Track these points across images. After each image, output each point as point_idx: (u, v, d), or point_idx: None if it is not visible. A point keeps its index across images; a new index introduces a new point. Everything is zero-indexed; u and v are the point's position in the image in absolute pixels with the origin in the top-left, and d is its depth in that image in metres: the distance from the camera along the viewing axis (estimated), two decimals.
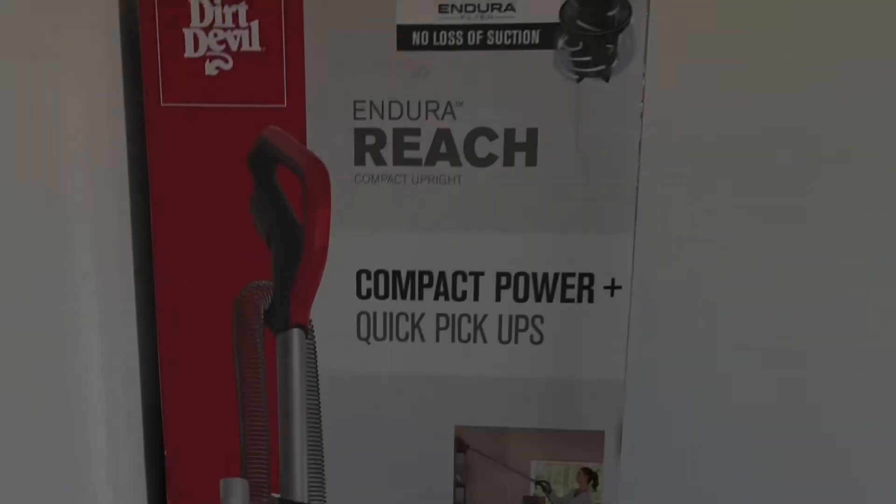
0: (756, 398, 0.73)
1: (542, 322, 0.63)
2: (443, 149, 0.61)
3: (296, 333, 0.64)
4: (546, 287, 0.63)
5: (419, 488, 0.66)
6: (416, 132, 0.61)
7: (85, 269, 0.60)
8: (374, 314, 0.64)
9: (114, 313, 0.63)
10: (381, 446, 0.65)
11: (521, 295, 0.63)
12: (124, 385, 0.65)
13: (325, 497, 0.66)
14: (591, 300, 0.63)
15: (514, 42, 0.59)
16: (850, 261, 0.70)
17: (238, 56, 0.60)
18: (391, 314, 0.63)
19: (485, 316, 0.63)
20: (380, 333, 0.64)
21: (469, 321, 0.63)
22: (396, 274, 0.63)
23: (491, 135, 0.60)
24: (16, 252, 0.54)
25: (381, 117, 0.61)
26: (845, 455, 0.72)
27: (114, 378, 0.64)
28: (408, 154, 0.61)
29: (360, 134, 0.61)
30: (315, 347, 0.64)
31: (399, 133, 0.61)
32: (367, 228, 0.62)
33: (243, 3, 0.60)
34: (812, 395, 0.73)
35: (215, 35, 0.60)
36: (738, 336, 0.72)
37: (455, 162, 0.61)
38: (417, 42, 0.59)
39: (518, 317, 0.63)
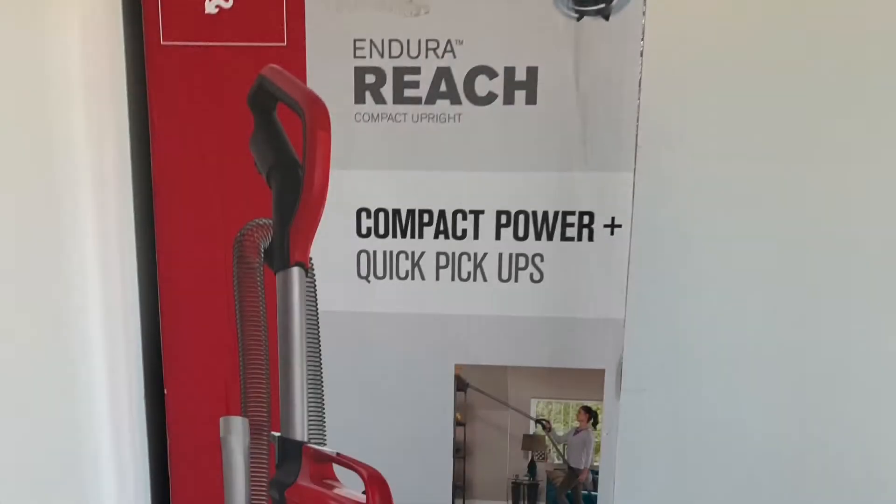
0: (757, 332, 0.86)
1: (541, 260, 0.75)
2: (443, 87, 0.73)
3: (296, 272, 0.76)
4: (546, 225, 0.75)
5: (419, 427, 0.78)
6: (416, 71, 0.73)
7: (86, 208, 0.72)
8: (374, 253, 0.76)
9: (112, 252, 0.75)
10: (381, 385, 0.78)
11: (520, 233, 0.75)
12: (123, 324, 0.77)
13: (324, 436, 0.79)
14: (590, 238, 0.75)
15: None
16: (853, 196, 0.82)
17: None
18: (391, 253, 0.76)
19: (485, 254, 0.76)
20: (380, 272, 0.76)
21: (469, 260, 0.76)
22: (396, 212, 0.75)
23: (491, 73, 0.72)
24: (15, 185, 0.66)
25: (381, 56, 0.73)
26: (846, 376, 0.85)
27: (113, 318, 0.76)
28: (408, 93, 0.73)
29: (360, 72, 0.73)
30: (315, 286, 0.77)
31: (399, 72, 0.73)
32: (366, 167, 0.74)
33: None
34: (812, 324, 0.85)
35: None
36: (738, 273, 0.85)
37: (455, 100, 0.73)
38: None
39: (518, 255, 0.75)
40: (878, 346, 0.84)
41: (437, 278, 0.75)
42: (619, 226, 0.73)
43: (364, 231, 0.74)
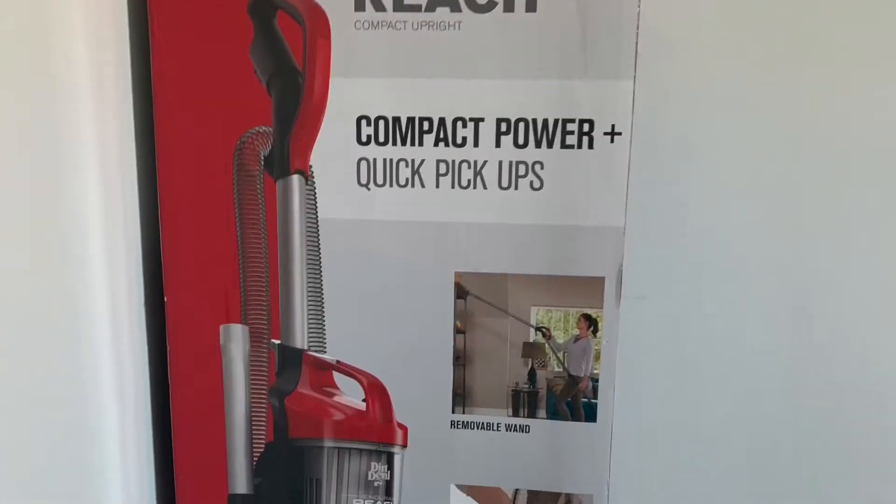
0: (758, 240, 1.08)
1: (542, 168, 0.98)
2: None
3: (296, 179, 0.99)
4: (546, 133, 0.97)
5: (419, 335, 1.02)
6: None
7: (85, 114, 0.94)
8: (374, 160, 0.98)
9: (112, 159, 0.97)
10: (381, 293, 1.01)
11: (520, 141, 0.97)
12: (123, 233, 0.99)
13: (324, 343, 1.03)
14: (591, 146, 0.97)
15: None
16: (857, 101, 1.05)
17: None
18: (391, 160, 0.98)
19: (485, 162, 0.98)
20: (380, 180, 0.99)
21: (469, 167, 0.98)
22: (396, 120, 0.97)
23: None
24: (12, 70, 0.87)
25: None
26: (847, 285, 1.09)
27: (113, 227, 0.98)
28: (408, 0, 0.95)
29: None
30: (315, 193, 0.99)
31: None
32: (366, 75, 0.96)
33: None
34: (813, 232, 1.08)
35: None
36: (738, 181, 1.07)
37: (455, 8, 0.94)
38: None
39: (518, 163, 0.98)
40: (879, 254, 1.08)
41: (437, 186, 0.97)
42: (620, 133, 0.95)
43: (364, 139, 0.96)
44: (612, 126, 0.92)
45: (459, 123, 0.92)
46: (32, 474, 0.86)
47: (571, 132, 0.92)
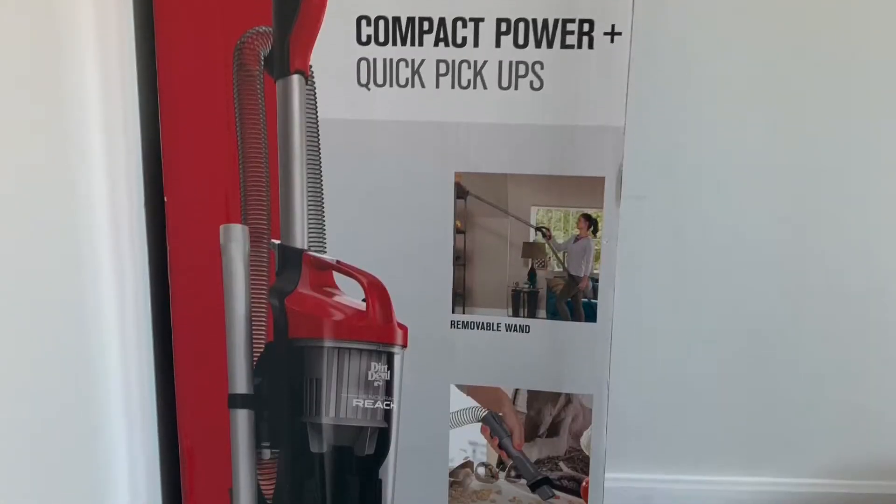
0: (758, 140, 1.34)
1: (542, 68, 1.26)
2: None
3: (296, 79, 1.28)
4: (546, 33, 1.25)
5: (419, 235, 1.33)
6: None
7: (84, 12, 1.23)
8: (374, 60, 1.26)
9: (112, 58, 1.28)
10: (381, 193, 1.29)
11: (521, 41, 1.26)
12: (123, 134, 1.27)
13: (324, 243, 1.34)
14: (591, 46, 1.25)
15: None
16: (851, 28, 1.34)
17: None
18: (391, 60, 1.26)
19: (485, 62, 1.26)
20: (380, 80, 1.28)
21: (469, 67, 1.27)
22: (396, 20, 1.25)
23: None
24: None
25: None
26: (845, 185, 1.37)
27: (113, 126, 1.29)
28: None
29: None
30: (315, 94, 1.29)
31: None
32: None
33: None
34: (813, 134, 1.34)
35: None
36: (738, 81, 1.38)
37: None
38: None
39: (518, 63, 1.26)
40: (878, 154, 1.41)
41: (437, 86, 1.26)
42: (620, 33, 1.22)
43: (364, 39, 1.25)
44: (612, 26, 1.17)
45: (459, 23, 1.17)
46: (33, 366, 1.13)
47: (571, 32, 1.18)
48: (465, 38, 1.19)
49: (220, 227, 1.25)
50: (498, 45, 1.19)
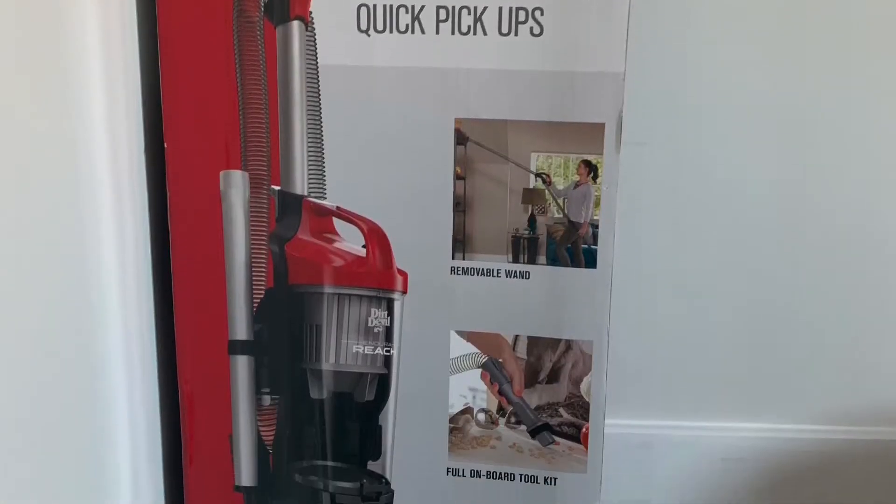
0: (759, 86, 1.38)
1: (542, 14, 1.29)
2: None
3: (296, 25, 1.31)
4: None
5: (419, 181, 1.37)
6: None
7: None
8: (374, 6, 1.29)
9: (111, 8, 1.32)
10: (381, 139, 1.33)
11: None
12: (123, 83, 1.33)
13: (324, 190, 1.39)
14: None
15: None
16: None
17: None
18: (391, 6, 1.29)
19: (485, 8, 1.28)
20: (380, 26, 1.32)
21: (469, 13, 1.30)
22: None
23: None
24: None
25: None
26: (846, 134, 1.43)
27: (113, 70, 1.34)
28: None
29: None
30: (315, 40, 1.32)
31: None
32: None
33: None
34: (814, 79, 1.39)
35: None
36: (739, 27, 1.39)
37: None
38: None
39: (518, 9, 1.29)
40: (879, 102, 1.46)
41: (437, 32, 1.29)
42: None
43: None
44: None
45: None
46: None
47: None
48: None
49: (220, 174, 1.30)
50: None
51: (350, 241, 1.30)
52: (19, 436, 1.01)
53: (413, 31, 1.24)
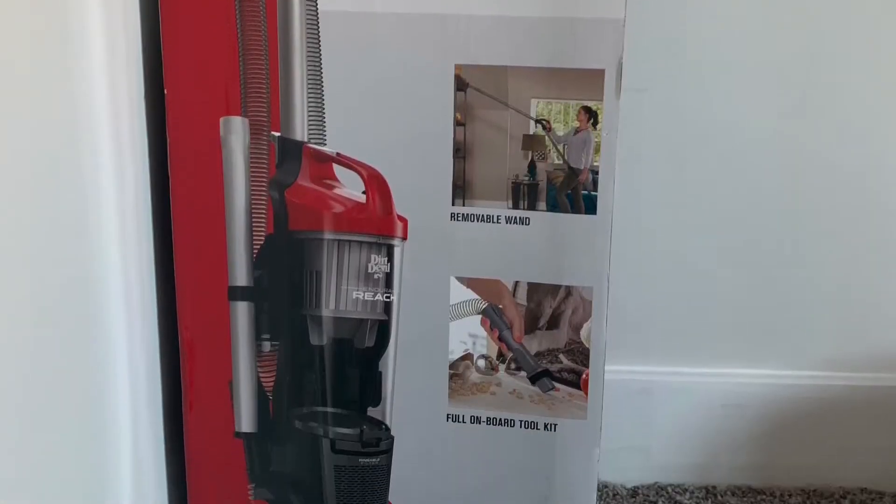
0: (760, 34, 1.43)
1: None
2: None
3: None
4: None
5: (419, 127, 1.41)
6: None
7: None
8: None
9: None
10: (381, 85, 1.36)
11: None
12: (122, 29, 1.36)
13: (324, 136, 1.42)
14: None
15: None
16: None
17: None
18: None
19: None
20: None
21: None
22: None
23: None
24: None
25: None
26: (848, 86, 1.48)
27: (111, 17, 1.36)
28: None
29: None
30: None
31: None
32: None
33: None
34: (813, 29, 1.43)
35: None
36: None
37: None
38: None
39: None
40: (880, 48, 1.50)
41: None
42: None
43: None
44: None
45: None
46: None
47: None
48: None
49: (219, 120, 1.33)
50: None
51: (350, 187, 1.34)
52: (17, 374, 1.05)
53: None
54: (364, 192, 1.33)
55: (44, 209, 1.15)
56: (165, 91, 1.30)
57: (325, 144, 1.33)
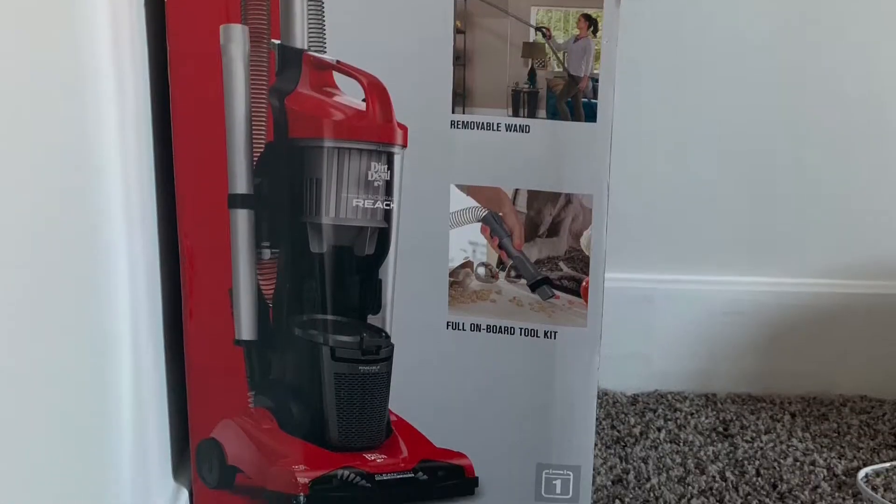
0: None
1: None
2: None
3: None
4: None
5: (419, 35, 1.46)
6: None
7: None
8: None
9: None
10: None
11: None
12: None
13: (324, 44, 1.46)
14: None
15: None
16: None
17: None
18: None
19: None
20: None
21: None
22: None
23: None
24: None
25: None
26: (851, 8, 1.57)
27: None
28: None
29: None
30: None
31: None
32: None
33: None
34: None
35: None
36: None
37: None
38: None
39: None
40: None
41: None
42: None
43: None
44: None
45: None
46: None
47: None
48: None
49: (219, 28, 1.38)
50: None
51: (350, 95, 1.39)
52: (17, 284, 1.08)
53: None
54: (364, 100, 1.38)
55: (42, 114, 1.16)
56: (167, 24, 1.35)
57: (325, 52, 1.38)
